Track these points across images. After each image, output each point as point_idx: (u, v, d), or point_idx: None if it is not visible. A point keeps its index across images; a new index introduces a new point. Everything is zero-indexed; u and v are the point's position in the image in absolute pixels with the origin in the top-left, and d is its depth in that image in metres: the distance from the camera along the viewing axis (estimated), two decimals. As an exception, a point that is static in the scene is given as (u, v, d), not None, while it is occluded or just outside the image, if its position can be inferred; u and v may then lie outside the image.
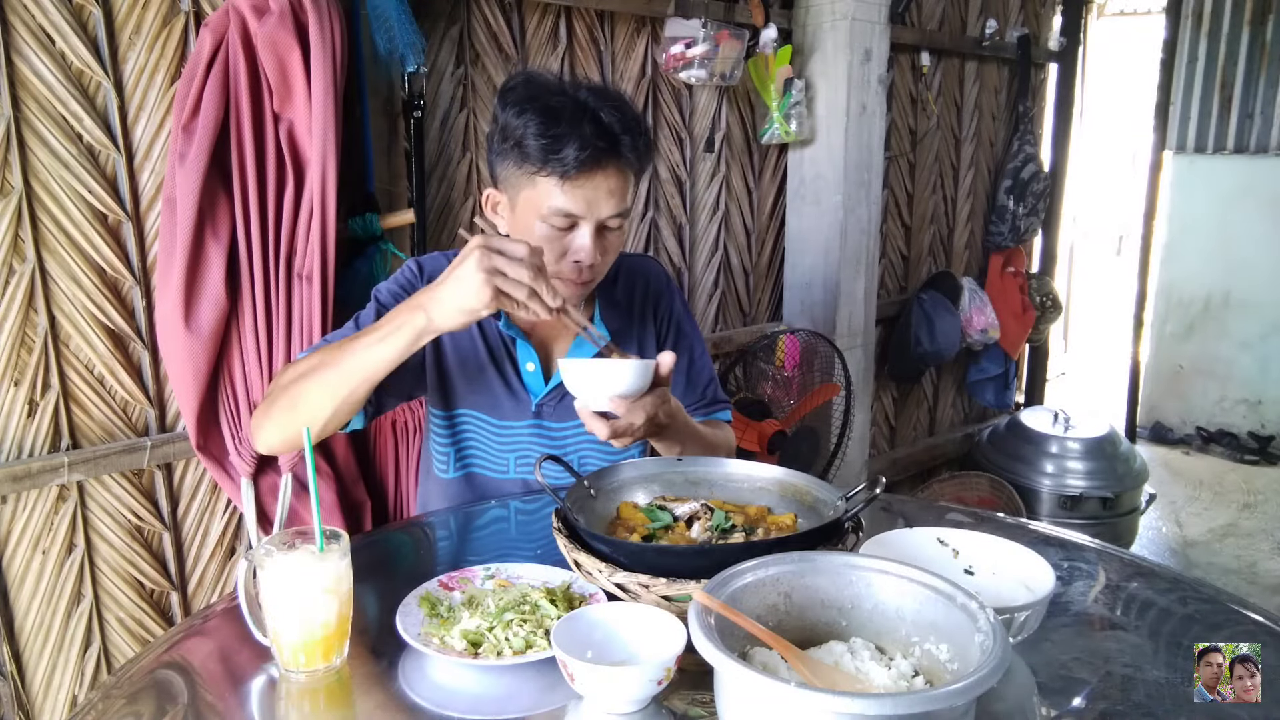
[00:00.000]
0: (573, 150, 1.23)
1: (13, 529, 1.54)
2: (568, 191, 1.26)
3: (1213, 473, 4.48)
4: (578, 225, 1.28)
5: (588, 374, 1.16)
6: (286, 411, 1.24)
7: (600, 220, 1.29)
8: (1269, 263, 4.61)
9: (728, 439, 1.53)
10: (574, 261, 1.30)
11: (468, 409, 1.43)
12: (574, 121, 1.24)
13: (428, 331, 1.15)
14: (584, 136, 1.23)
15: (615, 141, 1.26)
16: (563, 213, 1.27)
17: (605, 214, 1.28)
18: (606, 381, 1.15)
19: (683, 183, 2.58)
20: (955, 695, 0.67)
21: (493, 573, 1.11)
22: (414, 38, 1.74)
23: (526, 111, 1.25)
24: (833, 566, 0.88)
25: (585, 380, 1.16)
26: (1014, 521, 1.38)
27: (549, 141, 1.23)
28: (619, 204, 1.29)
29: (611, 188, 1.28)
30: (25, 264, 1.50)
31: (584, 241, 1.28)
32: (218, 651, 1.01)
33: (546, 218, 1.28)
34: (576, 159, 1.23)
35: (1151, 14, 6.36)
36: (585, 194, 1.26)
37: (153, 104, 1.59)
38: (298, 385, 1.22)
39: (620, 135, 1.27)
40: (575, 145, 1.23)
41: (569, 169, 1.24)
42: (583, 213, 1.27)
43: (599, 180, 1.26)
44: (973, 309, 3.51)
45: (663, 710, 0.86)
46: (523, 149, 1.26)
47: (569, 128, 1.23)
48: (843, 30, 2.64)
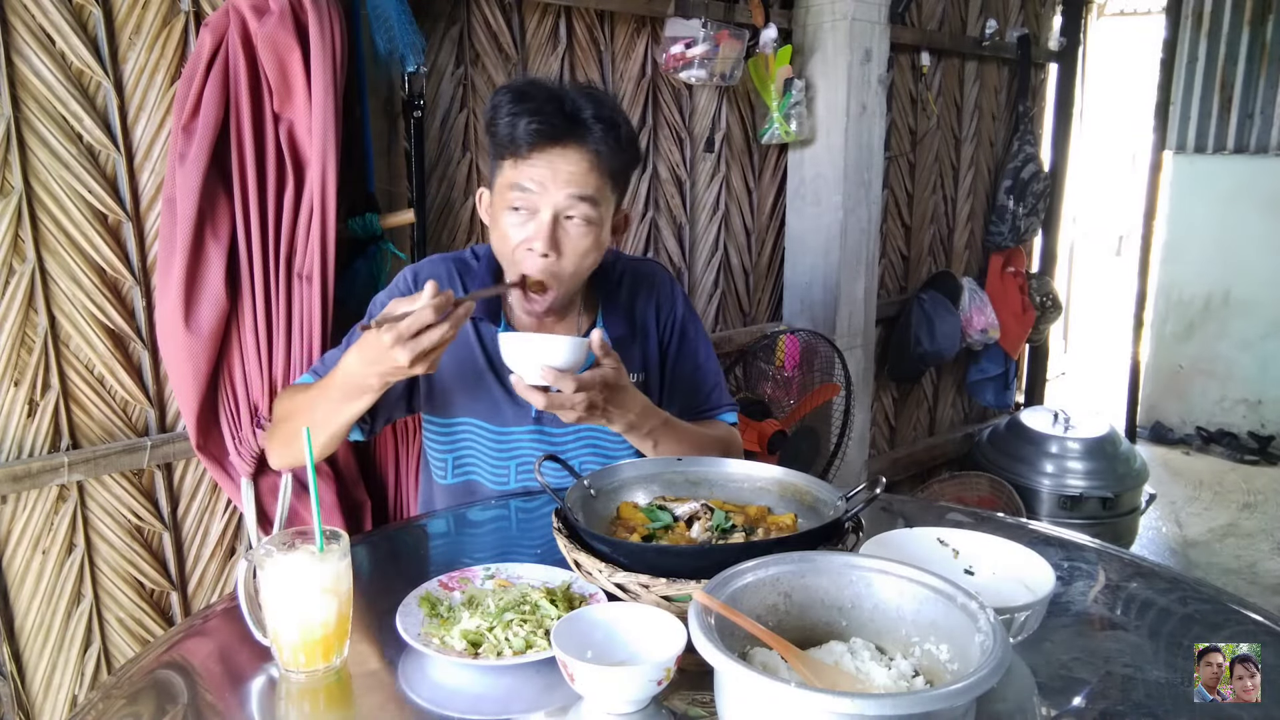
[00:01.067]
0: (526, 122, 1.24)
1: (13, 529, 1.54)
2: (522, 168, 1.26)
3: (1213, 473, 4.48)
4: (538, 212, 1.28)
5: (520, 346, 1.19)
6: (284, 445, 1.38)
7: (557, 207, 1.27)
8: (1269, 263, 4.61)
9: (726, 437, 1.52)
10: (528, 249, 1.28)
11: (467, 417, 1.43)
12: (539, 100, 1.25)
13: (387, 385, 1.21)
14: (543, 113, 1.24)
15: (576, 122, 1.26)
16: (516, 186, 1.27)
17: (559, 196, 1.26)
18: (537, 352, 1.18)
19: (683, 183, 2.58)
20: (955, 695, 0.67)
21: (493, 573, 1.11)
22: (414, 38, 1.74)
23: (500, 96, 1.28)
24: (833, 566, 0.88)
25: (518, 352, 1.19)
26: (1014, 521, 1.38)
27: (509, 119, 1.25)
28: (576, 189, 1.27)
29: (570, 170, 1.26)
30: (25, 264, 1.50)
31: (540, 229, 1.27)
32: (218, 651, 1.01)
33: (507, 199, 1.28)
34: (530, 131, 1.24)
35: (1151, 14, 6.36)
36: (538, 171, 1.26)
37: (153, 104, 1.58)
38: (285, 426, 1.35)
39: (586, 119, 1.26)
40: (533, 120, 1.24)
41: (522, 144, 1.25)
42: (536, 190, 1.26)
43: (554, 157, 1.26)
44: (973, 309, 3.51)
45: (663, 710, 0.86)
46: (493, 134, 1.28)
47: (532, 105, 1.25)
48: (843, 30, 2.64)
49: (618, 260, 1.55)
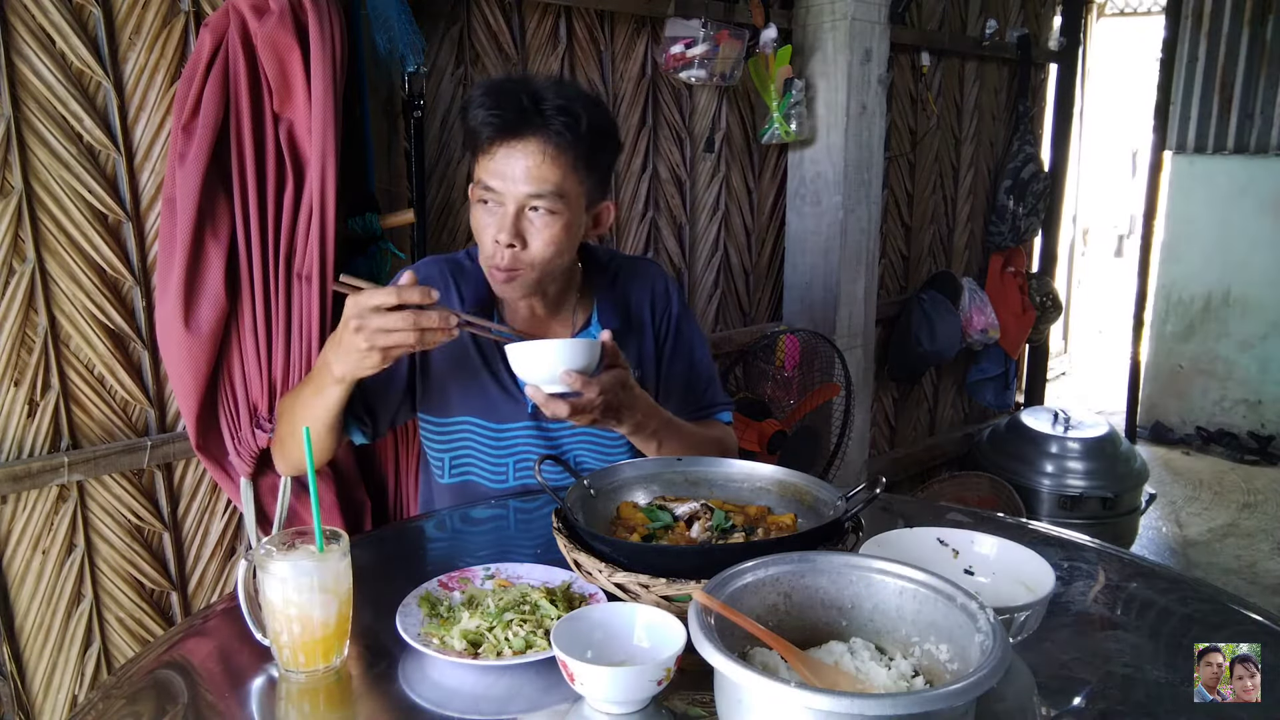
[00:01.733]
0: (488, 116, 1.24)
1: (13, 529, 1.54)
2: (486, 163, 1.27)
3: (1213, 473, 4.48)
4: (504, 206, 1.28)
5: (535, 354, 1.17)
6: (279, 446, 1.40)
7: (519, 199, 1.27)
8: (1269, 263, 4.61)
9: (723, 437, 1.52)
10: (494, 241, 1.29)
11: (465, 415, 1.43)
12: (506, 94, 1.25)
13: (344, 381, 1.21)
14: (500, 107, 1.25)
15: (534, 114, 1.25)
16: (484, 184, 1.28)
17: (522, 190, 1.26)
18: (557, 357, 1.15)
19: (683, 183, 2.58)
20: (955, 695, 0.67)
21: (493, 572, 1.11)
22: (414, 38, 1.74)
23: (474, 93, 1.29)
24: (833, 566, 0.88)
25: (533, 359, 1.17)
26: (1014, 521, 1.38)
27: (478, 113, 1.26)
28: (538, 183, 1.26)
29: (531, 164, 1.26)
30: (25, 264, 1.50)
31: (504, 222, 1.27)
32: (218, 651, 1.01)
33: (475, 196, 1.29)
34: (494, 123, 1.24)
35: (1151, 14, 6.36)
36: (499, 165, 1.26)
37: (153, 104, 1.59)
38: (281, 428, 1.37)
39: (545, 110, 1.25)
40: (490, 114, 1.24)
41: (483, 138, 1.26)
42: (499, 186, 1.27)
43: (515, 152, 1.26)
44: (973, 309, 3.51)
45: (663, 710, 0.86)
46: (468, 131, 1.29)
47: (492, 99, 1.25)
48: (843, 30, 2.64)
49: (612, 257, 1.55)
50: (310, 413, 1.27)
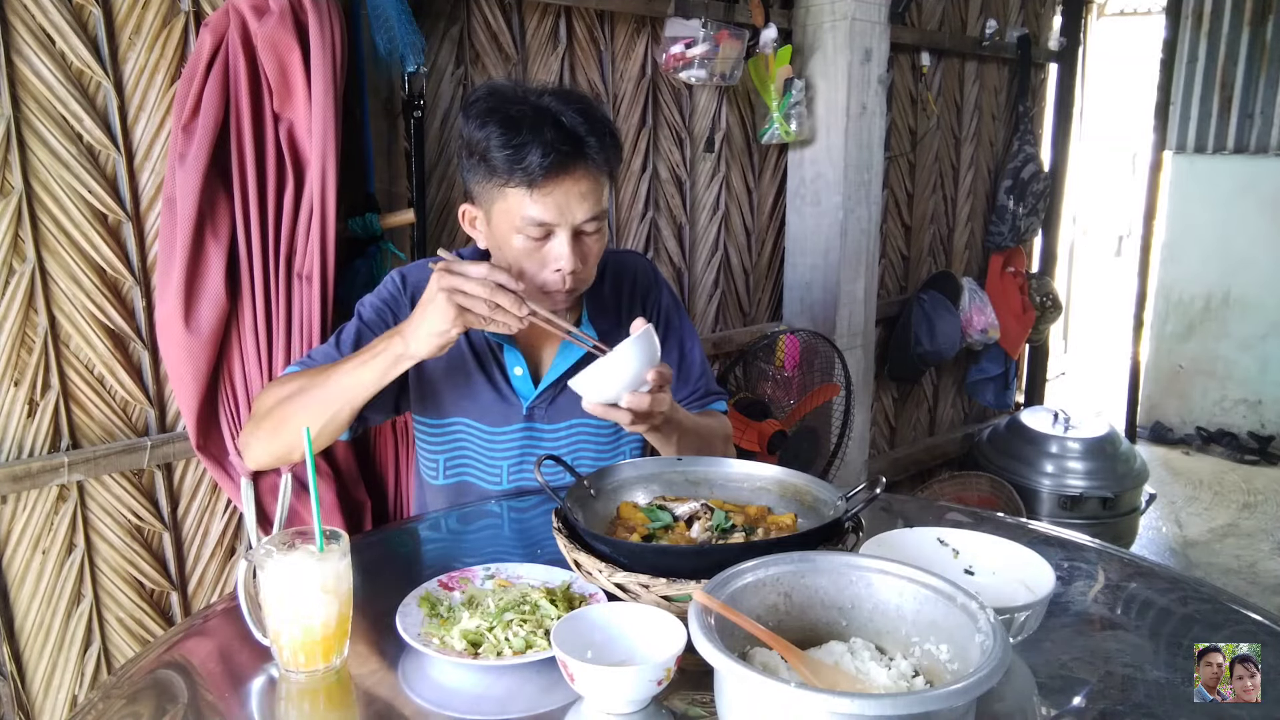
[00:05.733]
0: (536, 157, 1.22)
1: (13, 529, 1.54)
2: (537, 200, 1.25)
3: (1213, 473, 4.48)
4: (554, 233, 1.27)
5: (619, 366, 1.14)
6: (272, 434, 1.29)
7: (575, 226, 1.28)
8: (1269, 263, 4.61)
9: (723, 426, 1.53)
10: (555, 271, 1.29)
11: (459, 417, 1.43)
12: (535, 128, 1.23)
13: (405, 358, 1.21)
14: (546, 142, 1.22)
15: (580, 144, 1.25)
16: (535, 222, 1.26)
17: (579, 219, 1.27)
18: (640, 357, 1.14)
19: (683, 183, 2.58)
20: (955, 695, 0.67)
21: (493, 572, 1.11)
22: (414, 38, 1.74)
23: (488, 124, 1.25)
24: (833, 566, 0.88)
25: (617, 372, 1.14)
26: (1014, 521, 1.38)
27: (512, 151, 1.22)
28: (592, 207, 1.28)
29: (582, 191, 1.26)
30: (25, 264, 1.50)
31: (562, 250, 1.27)
32: (218, 651, 1.01)
33: (521, 229, 1.27)
34: (541, 165, 1.22)
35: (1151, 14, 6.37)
36: (555, 200, 1.25)
37: (153, 104, 1.59)
38: (282, 408, 1.28)
39: (585, 137, 1.25)
40: (539, 152, 1.22)
41: (535, 177, 1.23)
42: (555, 220, 1.26)
43: (568, 185, 1.25)
44: (973, 309, 3.51)
45: (663, 710, 0.87)
46: (488, 162, 1.25)
47: (530, 134, 1.22)
48: (843, 30, 2.64)
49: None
50: (345, 396, 1.24)
